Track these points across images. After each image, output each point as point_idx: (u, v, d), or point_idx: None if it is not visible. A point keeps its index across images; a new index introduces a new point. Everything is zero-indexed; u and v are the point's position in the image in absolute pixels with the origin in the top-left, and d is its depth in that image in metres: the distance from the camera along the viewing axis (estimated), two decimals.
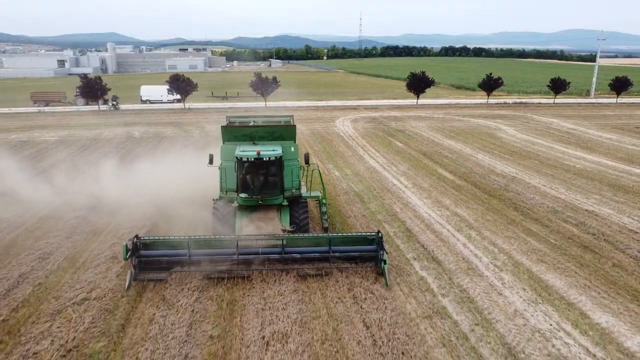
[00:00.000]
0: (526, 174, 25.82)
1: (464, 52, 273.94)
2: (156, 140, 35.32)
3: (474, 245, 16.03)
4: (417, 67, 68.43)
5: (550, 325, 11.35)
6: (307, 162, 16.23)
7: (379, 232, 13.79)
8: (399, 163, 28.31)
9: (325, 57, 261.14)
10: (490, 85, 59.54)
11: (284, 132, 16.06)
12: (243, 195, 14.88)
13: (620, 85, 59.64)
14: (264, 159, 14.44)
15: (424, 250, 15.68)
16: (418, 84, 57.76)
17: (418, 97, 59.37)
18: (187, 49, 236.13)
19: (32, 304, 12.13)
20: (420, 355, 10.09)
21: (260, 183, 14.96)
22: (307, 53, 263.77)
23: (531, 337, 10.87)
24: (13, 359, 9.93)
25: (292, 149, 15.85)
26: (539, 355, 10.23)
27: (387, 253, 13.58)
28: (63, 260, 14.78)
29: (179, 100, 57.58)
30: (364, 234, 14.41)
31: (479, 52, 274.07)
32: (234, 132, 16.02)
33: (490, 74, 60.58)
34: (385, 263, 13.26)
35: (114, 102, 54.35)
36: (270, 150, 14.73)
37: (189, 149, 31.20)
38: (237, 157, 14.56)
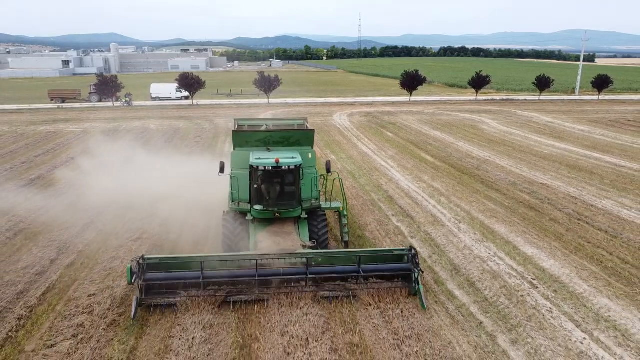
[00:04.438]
0: (498, 157, 29.68)
1: (462, 52, 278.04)
2: (171, 131, 39.18)
3: (441, 207, 19.91)
4: (414, 67, 72.15)
5: (489, 254, 15.24)
6: (328, 170, 15.34)
7: (411, 248, 12.78)
8: (388, 149, 32.18)
9: (325, 58, 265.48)
10: (478, 83, 63.45)
11: (301, 137, 14.93)
12: (258, 207, 13.69)
13: (601, 83, 63.55)
14: (283, 167, 13.12)
15: (401, 209, 19.56)
16: (411, 82, 61.70)
17: (411, 94, 63.28)
18: (188, 49, 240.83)
19: (99, 242, 16.02)
20: None
21: (277, 193, 13.77)
22: (307, 53, 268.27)
23: (473, 260, 14.76)
24: (96, 271, 13.82)
25: (310, 156, 14.69)
26: (475, 270, 14.10)
27: (422, 272, 12.51)
28: (113, 217, 18.60)
29: (186, 97, 61.51)
30: (395, 249, 13.48)
31: (477, 53, 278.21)
32: (247, 137, 14.77)
33: (480, 72, 64.47)
34: (419, 284, 12.24)
35: (127, 99, 58.27)
36: (289, 158, 13.41)
37: (199, 140, 35.02)
38: (252, 166, 13.35)
